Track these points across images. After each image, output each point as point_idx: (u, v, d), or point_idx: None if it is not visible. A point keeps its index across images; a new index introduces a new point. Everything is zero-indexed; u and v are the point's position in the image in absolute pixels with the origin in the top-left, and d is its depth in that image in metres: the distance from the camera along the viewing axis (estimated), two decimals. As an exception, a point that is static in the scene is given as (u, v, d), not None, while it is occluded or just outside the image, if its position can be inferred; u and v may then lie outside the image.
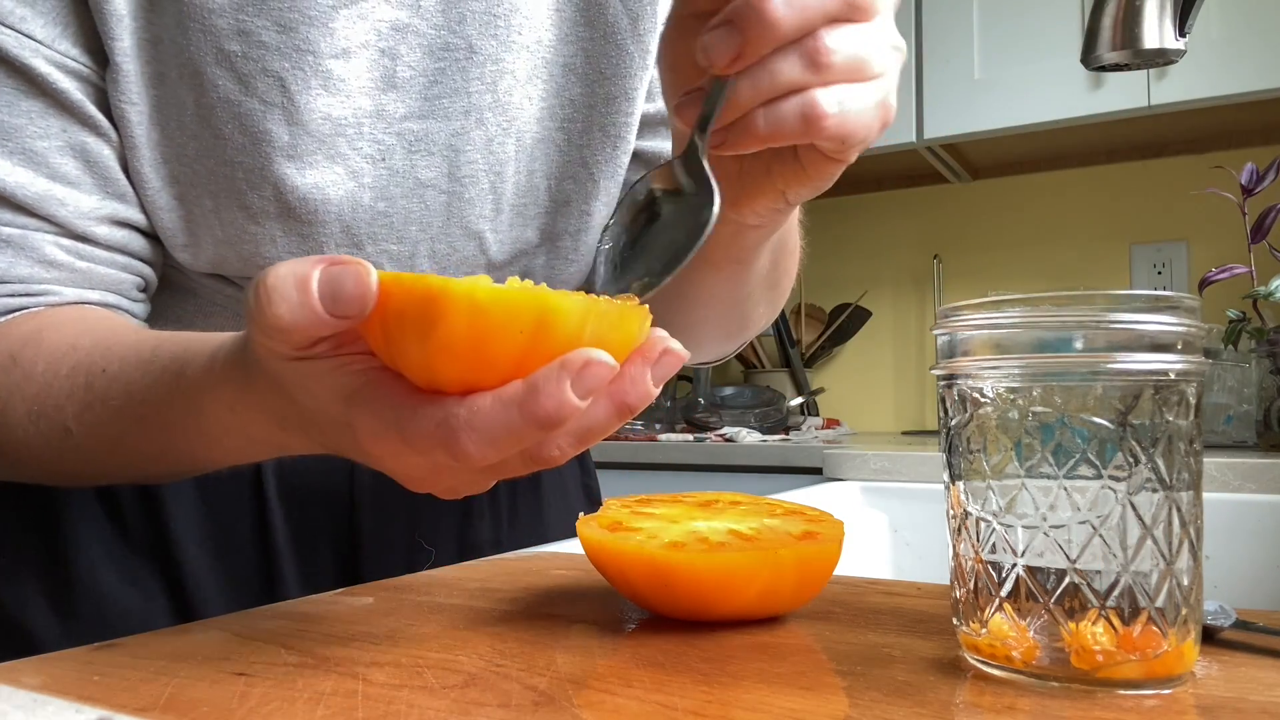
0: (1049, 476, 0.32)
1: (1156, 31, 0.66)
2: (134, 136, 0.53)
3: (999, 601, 0.33)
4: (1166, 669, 0.31)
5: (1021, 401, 0.32)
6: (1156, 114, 1.74)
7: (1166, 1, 0.65)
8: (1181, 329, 0.32)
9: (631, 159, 0.65)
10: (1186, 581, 0.32)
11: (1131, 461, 0.31)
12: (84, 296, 0.53)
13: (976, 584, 0.34)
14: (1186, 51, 0.66)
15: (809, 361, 2.30)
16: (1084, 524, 0.31)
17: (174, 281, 0.59)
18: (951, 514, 0.35)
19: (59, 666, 0.35)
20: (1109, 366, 0.31)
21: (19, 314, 0.51)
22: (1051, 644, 0.32)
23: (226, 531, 0.62)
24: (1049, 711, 0.29)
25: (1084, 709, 0.30)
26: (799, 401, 2.20)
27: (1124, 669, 0.31)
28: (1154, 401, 0.31)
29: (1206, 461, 0.46)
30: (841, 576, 0.48)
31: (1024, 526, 0.32)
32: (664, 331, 0.36)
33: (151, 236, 0.56)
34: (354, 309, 0.30)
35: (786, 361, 2.25)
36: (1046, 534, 0.32)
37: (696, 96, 0.40)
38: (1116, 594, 0.31)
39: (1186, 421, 0.32)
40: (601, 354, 0.30)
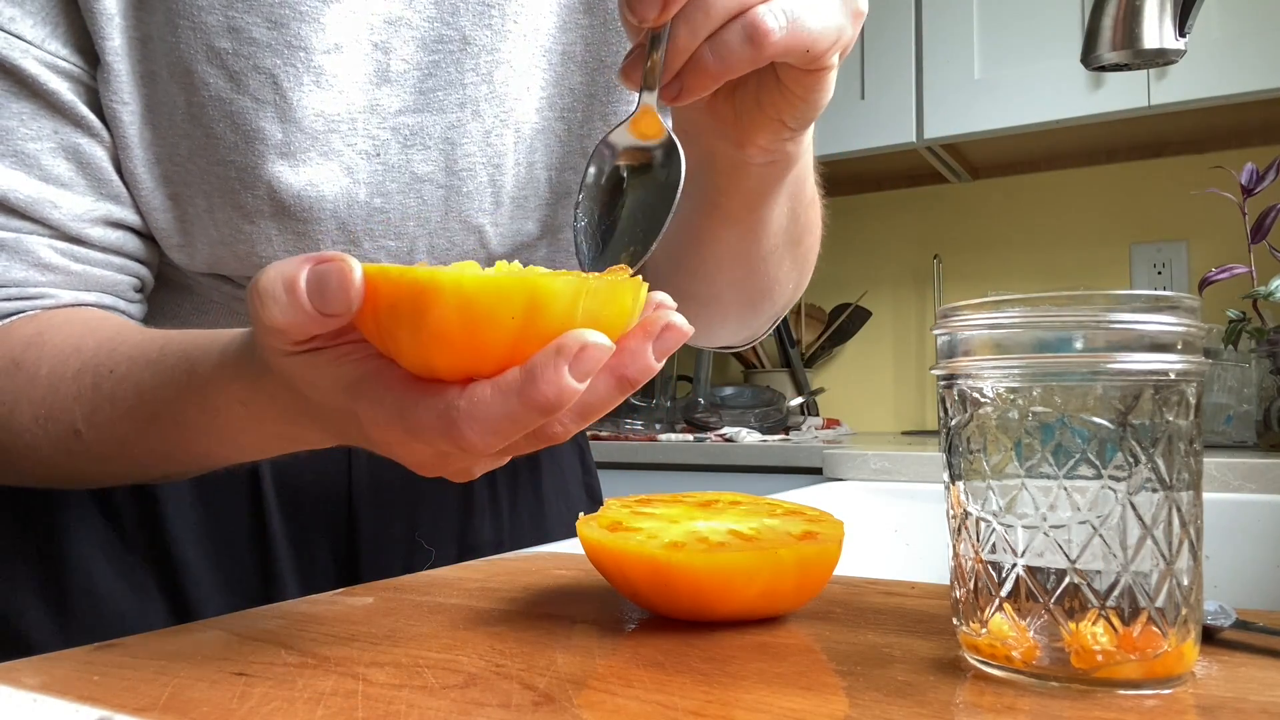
0: (1049, 476, 0.32)
1: (1156, 31, 0.66)
2: (126, 137, 0.52)
3: (999, 601, 0.33)
4: (1166, 669, 0.31)
5: (1021, 401, 0.32)
6: (1156, 114, 1.74)
7: (1166, 1, 0.65)
8: (1181, 329, 0.32)
9: None
10: (1186, 581, 0.32)
11: (1131, 461, 0.31)
12: (80, 299, 0.53)
13: (976, 584, 0.34)
14: (1186, 51, 0.66)
15: (809, 361, 2.30)
16: (1084, 524, 0.31)
17: (170, 279, 0.59)
18: (951, 514, 0.35)
19: (59, 667, 0.35)
20: (1109, 366, 0.31)
21: (16, 318, 0.50)
22: (1051, 644, 0.32)
23: (223, 531, 0.62)
24: (1049, 711, 0.29)
25: (1084, 709, 0.30)
26: (799, 401, 2.20)
27: (1124, 669, 0.31)
28: (1154, 401, 0.31)
29: (1206, 461, 0.46)
30: (841, 576, 0.48)
31: (1024, 526, 0.32)
32: (668, 298, 0.35)
33: (147, 237, 0.56)
34: (340, 306, 0.31)
35: (786, 361, 2.25)
36: (1046, 534, 0.32)
37: (638, 54, 0.39)
38: (1116, 594, 0.31)
39: (1186, 421, 0.32)
40: (597, 336, 0.30)
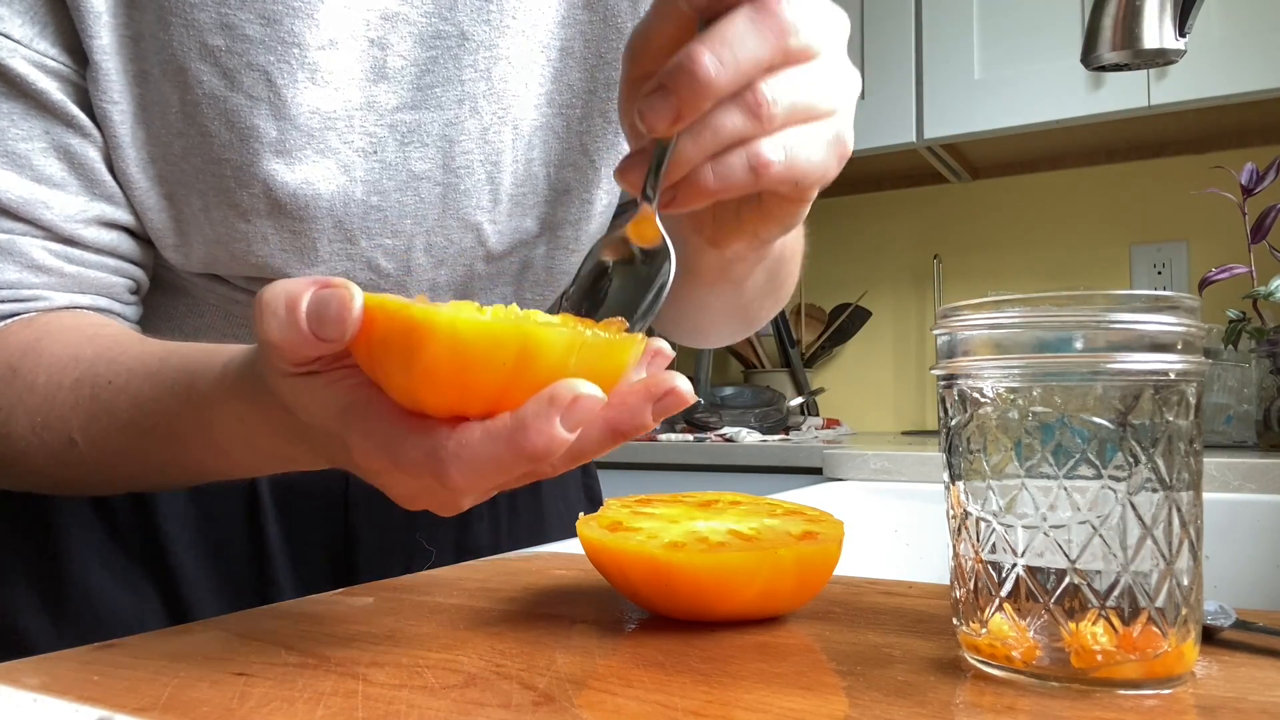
0: (1049, 476, 0.32)
1: (1156, 31, 0.66)
2: (118, 136, 0.52)
3: (999, 601, 0.33)
4: (1166, 669, 0.31)
5: (1021, 401, 0.32)
6: (1156, 114, 1.74)
7: (1166, 1, 0.65)
8: (1181, 329, 0.32)
9: None
10: (1186, 581, 0.32)
11: (1131, 461, 0.31)
12: (75, 301, 0.52)
13: (976, 584, 0.34)
14: (1186, 51, 0.66)
15: (809, 361, 2.30)
16: (1084, 524, 0.31)
17: (165, 280, 0.59)
18: (951, 514, 0.35)
19: (58, 667, 0.35)
20: (1109, 366, 0.31)
21: (12, 320, 0.50)
22: (1051, 644, 0.32)
23: (219, 534, 0.62)
24: (1049, 711, 0.29)
25: (1084, 709, 0.30)
26: (799, 401, 2.20)
27: (1124, 669, 0.31)
28: (1154, 401, 0.31)
29: (1206, 461, 0.46)
30: (841, 576, 0.48)
31: (1024, 526, 0.32)
32: (666, 346, 0.36)
33: (141, 238, 0.55)
34: (335, 332, 0.31)
35: (786, 361, 2.25)
36: (1046, 534, 0.32)
37: (640, 159, 0.39)
38: (1116, 594, 0.31)
39: (1186, 421, 0.32)
40: (589, 388, 0.30)
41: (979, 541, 0.34)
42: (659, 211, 0.39)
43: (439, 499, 0.35)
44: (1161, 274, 2.02)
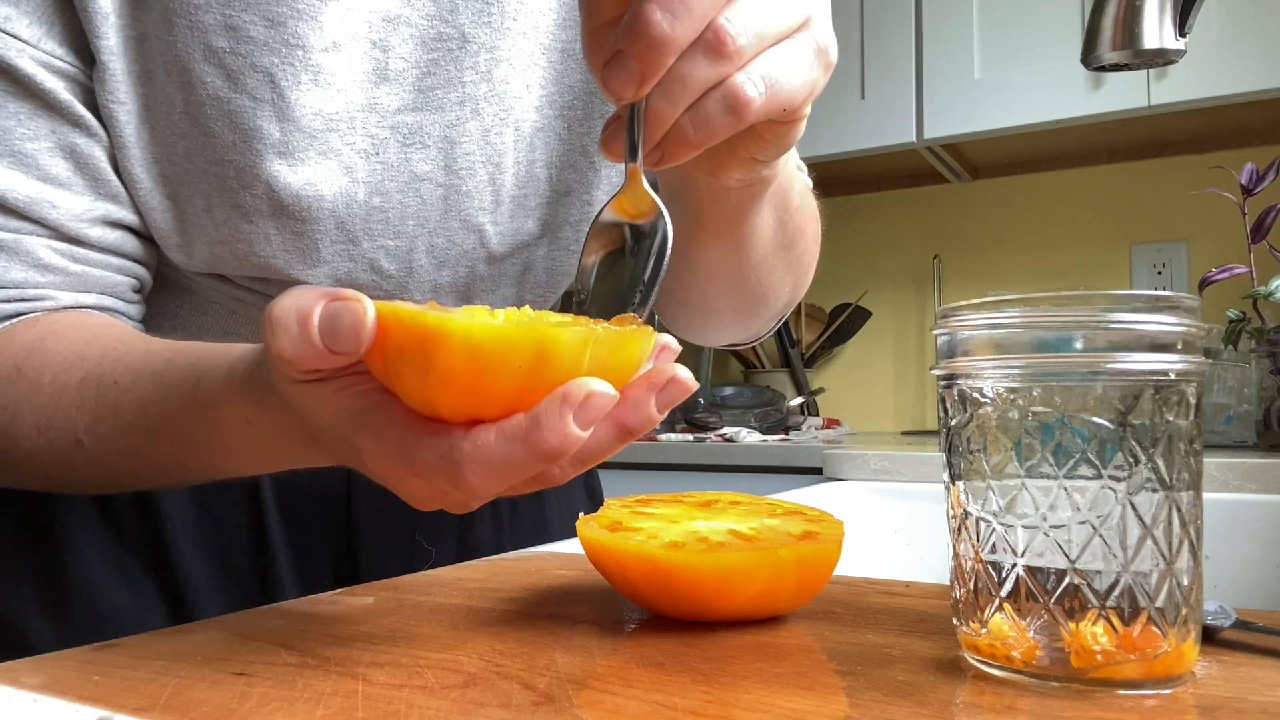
0: (1049, 476, 0.32)
1: (1156, 31, 0.66)
2: (123, 136, 0.52)
3: (999, 601, 0.33)
4: (1166, 669, 0.31)
5: (1021, 401, 0.32)
6: (1156, 114, 1.74)
7: (1166, 1, 0.65)
8: (1181, 329, 0.32)
9: None
10: (1186, 581, 0.32)
11: (1131, 461, 0.31)
12: (80, 300, 0.52)
13: (976, 584, 0.34)
14: (1186, 51, 0.66)
15: (809, 361, 2.30)
16: (1084, 524, 0.31)
17: (169, 279, 0.59)
18: (951, 514, 0.35)
19: (59, 666, 0.35)
20: (1109, 366, 0.31)
21: (17, 320, 0.50)
22: (1051, 644, 0.32)
23: (222, 533, 0.62)
24: (1049, 711, 0.29)
25: (1084, 709, 0.30)
26: (799, 401, 2.20)
27: (1124, 669, 0.31)
28: (1154, 401, 0.31)
29: (1206, 461, 0.46)
30: (841, 576, 0.48)
31: (1024, 526, 0.32)
32: (673, 341, 0.36)
33: (145, 237, 0.56)
34: (350, 346, 0.31)
35: (786, 361, 2.25)
36: (1046, 534, 0.32)
37: (619, 125, 0.38)
38: (1116, 594, 0.31)
39: (1186, 421, 0.32)
40: (601, 385, 0.31)
41: (979, 541, 0.34)
42: (646, 170, 0.39)
43: (450, 499, 0.35)
44: (1161, 274, 2.02)
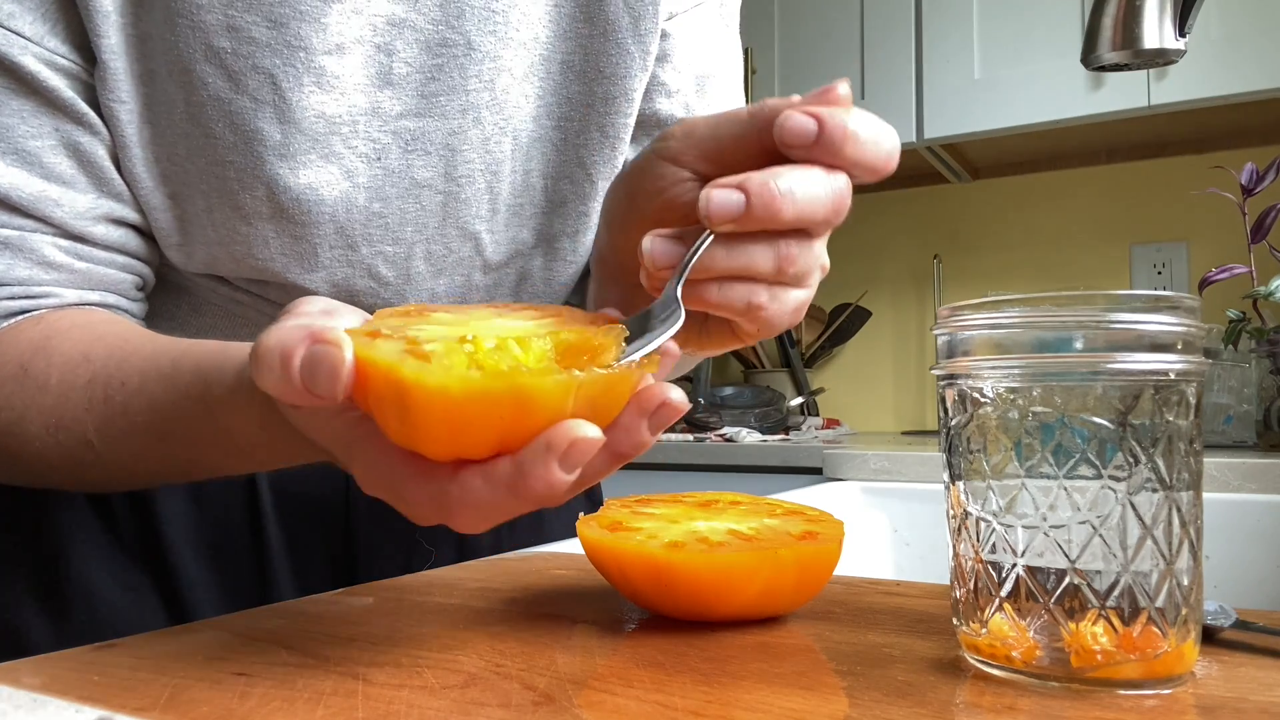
0: (1049, 476, 0.32)
1: (1156, 31, 0.66)
2: (125, 135, 0.52)
3: (999, 601, 0.33)
4: (1166, 669, 0.31)
5: (1021, 401, 0.32)
6: (1156, 114, 1.74)
7: (1166, 1, 0.65)
8: (1181, 329, 0.32)
9: None
10: (1186, 581, 0.32)
11: (1131, 461, 0.31)
12: (84, 298, 0.52)
13: (976, 584, 0.34)
14: (1186, 51, 0.66)
15: (809, 361, 2.30)
16: (1084, 524, 0.31)
17: (167, 280, 0.59)
18: (951, 514, 0.35)
19: (59, 666, 0.35)
20: (1109, 366, 0.31)
21: (22, 318, 0.50)
22: (1051, 644, 0.32)
23: (219, 534, 0.62)
24: (1049, 711, 0.29)
25: (1084, 709, 0.30)
26: (799, 401, 2.20)
27: (1124, 669, 0.31)
28: (1154, 401, 0.31)
29: (1206, 461, 0.46)
30: (841, 576, 0.48)
31: (1024, 526, 0.32)
32: (672, 346, 0.36)
33: (148, 235, 0.55)
34: (327, 391, 0.31)
35: (786, 361, 2.25)
36: (1046, 534, 0.32)
37: (673, 246, 0.39)
38: (1116, 594, 0.31)
39: (1186, 421, 0.32)
40: (585, 430, 0.30)
41: (979, 541, 0.34)
42: (650, 291, 0.40)
43: (428, 519, 0.35)
44: (1161, 274, 2.02)
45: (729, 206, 0.37)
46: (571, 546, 0.61)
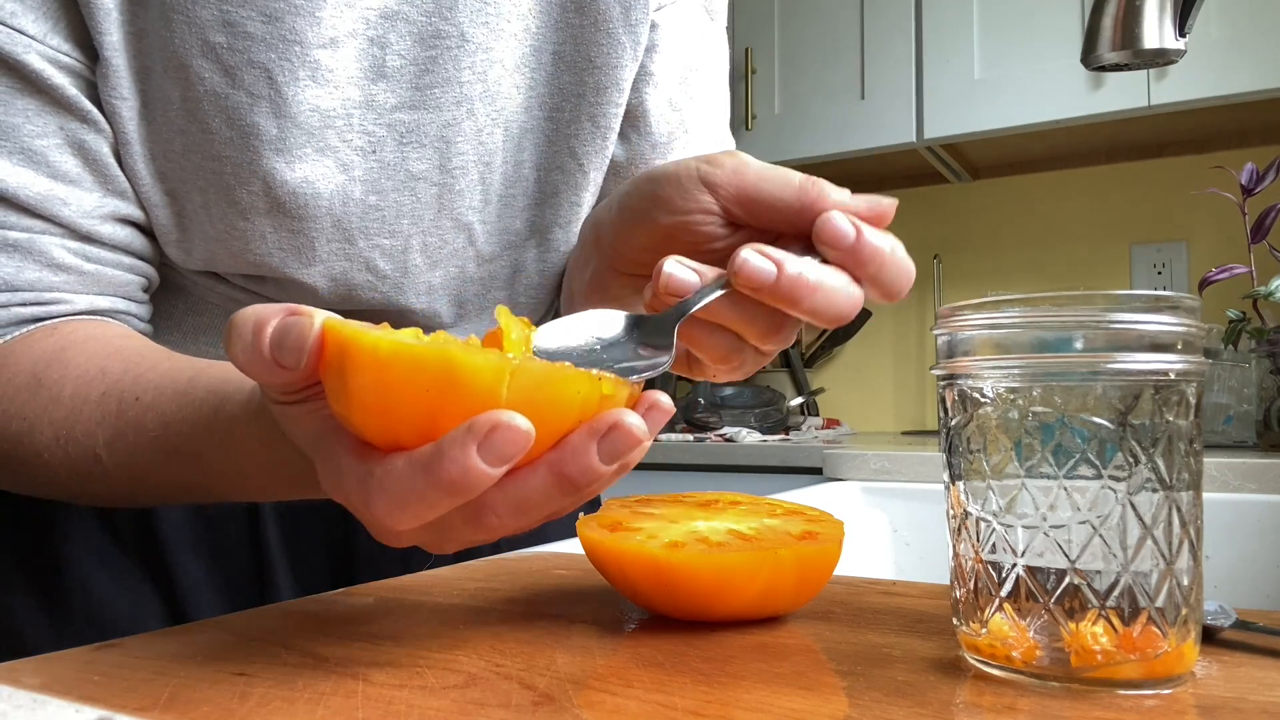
0: (1049, 476, 0.32)
1: (1156, 31, 0.66)
2: (125, 132, 0.52)
3: (999, 601, 0.33)
4: (1166, 669, 0.31)
5: (1021, 401, 0.32)
6: (1156, 114, 1.75)
7: (1166, 1, 0.65)
8: (1181, 329, 0.32)
9: None
10: (1186, 581, 0.32)
11: (1131, 461, 0.31)
12: (95, 304, 0.52)
13: (976, 584, 0.34)
14: (1186, 51, 0.66)
15: (809, 361, 2.30)
16: (1084, 524, 0.31)
17: (165, 279, 0.59)
18: (951, 514, 0.35)
19: (59, 666, 0.35)
20: (1109, 366, 0.31)
21: (35, 327, 0.50)
22: (1051, 644, 0.32)
23: (219, 536, 0.62)
24: (1049, 711, 0.29)
25: (1084, 709, 0.30)
26: (799, 401, 2.20)
27: (1124, 669, 0.31)
28: (1154, 401, 0.31)
29: (1206, 461, 0.46)
30: (841, 576, 0.48)
31: (1024, 526, 0.32)
32: (663, 398, 0.35)
33: (151, 234, 0.55)
34: (292, 360, 0.31)
35: (786, 361, 2.25)
36: (1046, 534, 0.32)
37: (690, 279, 0.40)
38: (1116, 594, 0.31)
39: (1186, 421, 0.32)
40: (513, 417, 0.28)
41: (979, 541, 0.34)
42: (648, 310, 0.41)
43: (376, 530, 0.34)
44: (1161, 274, 2.02)
45: (760, 276, 0.37)
46: (571, 546, 0.61)
